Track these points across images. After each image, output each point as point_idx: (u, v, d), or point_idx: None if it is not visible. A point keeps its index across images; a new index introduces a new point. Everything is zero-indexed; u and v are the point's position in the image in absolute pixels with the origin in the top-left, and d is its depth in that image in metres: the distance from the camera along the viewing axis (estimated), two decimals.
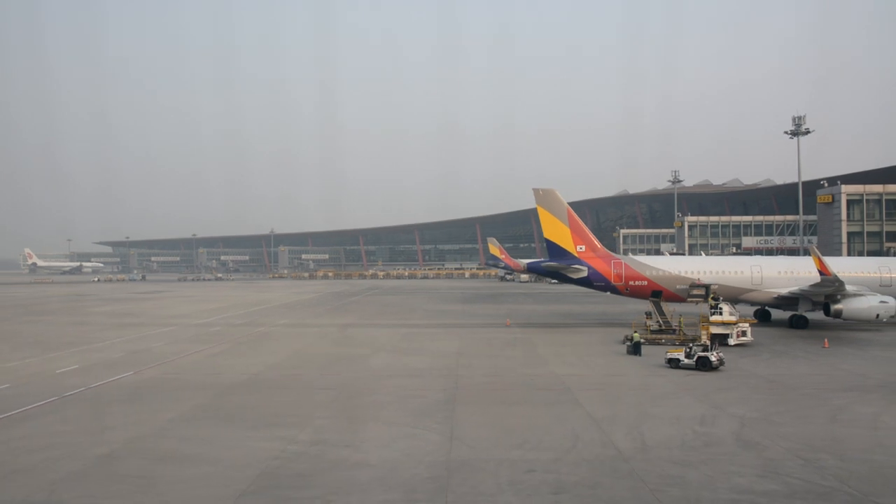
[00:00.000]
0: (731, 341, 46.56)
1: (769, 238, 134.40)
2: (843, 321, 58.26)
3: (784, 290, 60.18)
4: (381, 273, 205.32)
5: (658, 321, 56.18)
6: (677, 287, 61.48)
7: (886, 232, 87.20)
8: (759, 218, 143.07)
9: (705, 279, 61.19)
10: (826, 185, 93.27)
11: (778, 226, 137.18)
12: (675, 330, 54.96)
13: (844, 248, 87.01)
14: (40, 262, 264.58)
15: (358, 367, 40.39)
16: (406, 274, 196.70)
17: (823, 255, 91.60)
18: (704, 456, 22.22)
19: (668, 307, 57.22)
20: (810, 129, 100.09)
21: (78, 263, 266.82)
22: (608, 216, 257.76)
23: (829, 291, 55.91)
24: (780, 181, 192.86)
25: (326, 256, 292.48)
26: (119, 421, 27.09)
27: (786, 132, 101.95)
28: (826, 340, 48.29)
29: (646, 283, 62.16)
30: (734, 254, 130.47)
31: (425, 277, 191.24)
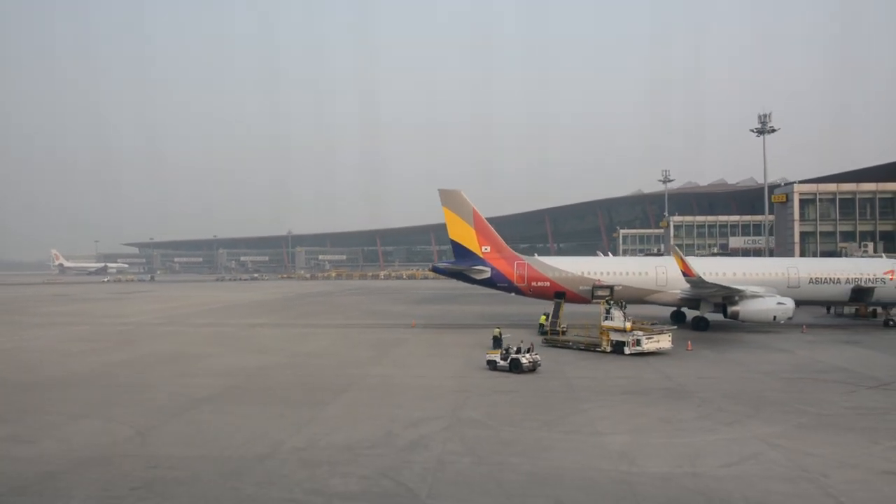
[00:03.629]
0: (627, 350, 42.94)
1: (757, 238, 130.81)
2: (742, 323, 56.73)
3: (680, 292, 58.93)
4: (382, 273, 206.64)
5: (550, 323, 55.88)
6: (580, 288, 60.87)
7: (840, 232, 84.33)
8: (747, 218, 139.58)
9: (608, 280, 60.40)
10: (783, 184, 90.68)
11: (767, 225, 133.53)
12: (563, 332, 54.45)
13: (797, 248, 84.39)
14: (67, 263, 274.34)
15: (188, 366, 41.22)
16: (405, 275, 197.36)
17: (778, 255, 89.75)
18: (347, 457, 22.33)
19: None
20: (775, 128, 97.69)
21: (103, 264, 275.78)
22: (621, 216, 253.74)
23: (705, 293, 55.00)
24: (792, 179, 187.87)
25: (344, 257, 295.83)
26: None
27: (751, 130, 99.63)
28: (689, 343, 47.20)
29: (548, 283, 61.71)
30: (715, 254, 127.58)
31: (425, 278, 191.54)
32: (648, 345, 43.25)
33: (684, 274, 52.34)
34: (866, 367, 39.54)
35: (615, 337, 44.26)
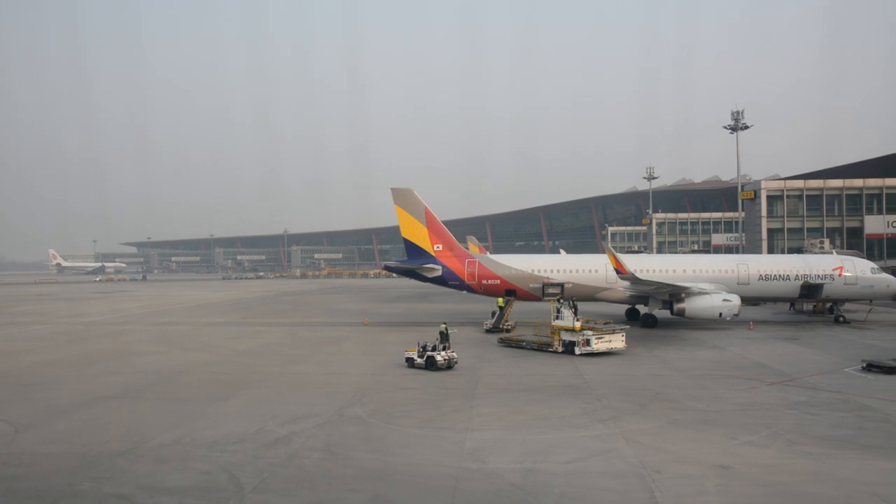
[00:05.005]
0: (577, 350, 41.72)
1: (738, 235, 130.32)
2: (689, 320, 56.78)
3: (628, 289, 58.99)
4: (373, 272, 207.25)
5: (495, 320, 56.37)
6: (530, 286, 61.14)
7: (808, 228, 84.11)
8: (730, 214, 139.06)
9: (558, 278, 60.66)
10: (752, 180, 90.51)
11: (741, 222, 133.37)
12: (508, 330, 54.86)
13: (764, 244, 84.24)
14: (64, 263, 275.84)
15: (117, 364, 41.76)
16: (395, 274, 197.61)
17: (748, 251, 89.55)
18: (203, 452, 22.68)
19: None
20: (748, 125, 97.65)
21: (100, 264, 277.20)
22: (616, 213, 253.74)
23: (646, 290, 55.30)
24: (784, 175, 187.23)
25: (340, 256, 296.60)
26: None
27: (725, 127, 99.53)
28: (626, 342, 46.92)
29: (499, 281, 61.96)
30: (695, 251, 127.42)
31: None
32: (599, 345, 41.94)
33: (617, 271, 52.49)
34: (785, 363, 39.64)
35: (566, 337, 43.08)
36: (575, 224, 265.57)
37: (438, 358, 37.88)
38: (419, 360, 38.35)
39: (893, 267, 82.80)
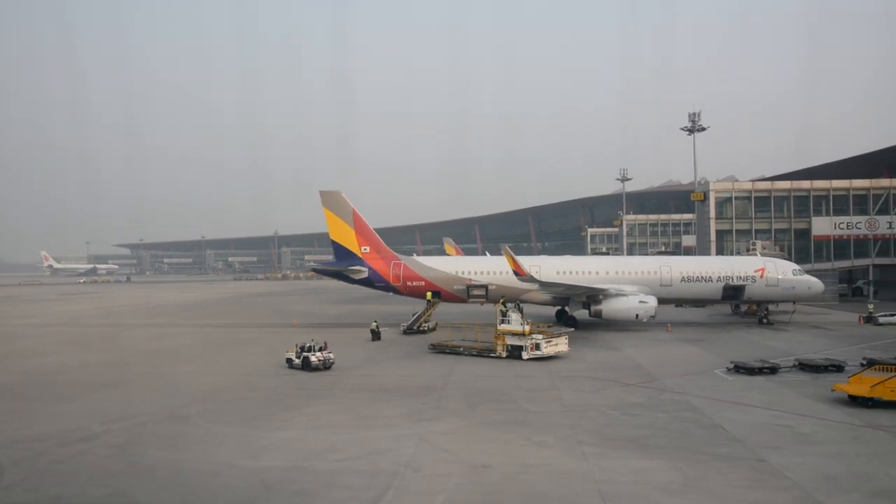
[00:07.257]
0: (525, 355, 40.48)
1: None
2: (607, 321, 57.01)
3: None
4: None
5: (414, 319, 56.70)
6: (454, 287, 61.50)
7: (756, 230, 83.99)
8: None
9: (482, 279, 61.06)
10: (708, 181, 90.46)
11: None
12: (425, 331, 55.34)
13: (713, 246, 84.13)
14: (56, 265, 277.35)
15: (11, 365, 42.43)
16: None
17: (698, 254, 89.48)
18: None
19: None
20: (705, 127, 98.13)
21: (92, 266, 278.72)
22: (603, 214, 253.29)
23: (558, 292, 55.96)
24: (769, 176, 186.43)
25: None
26: None
27: (682, 128, 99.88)
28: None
29: (423, 283, 62.28)
30: (661, 252, 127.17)
31: None
32: (548, 349, 40.87)
33: (516, 273, 52.70)
34: (663, 365, 39.83)
35: (512, 341, 41.40)
36: (563, 226, 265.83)
37: (313, 359, 38.41)
38: (297, 361, 38.88)
39: (840, 268, 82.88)
